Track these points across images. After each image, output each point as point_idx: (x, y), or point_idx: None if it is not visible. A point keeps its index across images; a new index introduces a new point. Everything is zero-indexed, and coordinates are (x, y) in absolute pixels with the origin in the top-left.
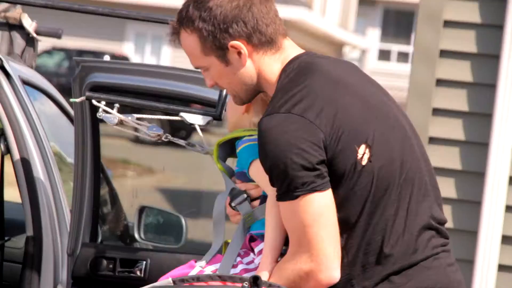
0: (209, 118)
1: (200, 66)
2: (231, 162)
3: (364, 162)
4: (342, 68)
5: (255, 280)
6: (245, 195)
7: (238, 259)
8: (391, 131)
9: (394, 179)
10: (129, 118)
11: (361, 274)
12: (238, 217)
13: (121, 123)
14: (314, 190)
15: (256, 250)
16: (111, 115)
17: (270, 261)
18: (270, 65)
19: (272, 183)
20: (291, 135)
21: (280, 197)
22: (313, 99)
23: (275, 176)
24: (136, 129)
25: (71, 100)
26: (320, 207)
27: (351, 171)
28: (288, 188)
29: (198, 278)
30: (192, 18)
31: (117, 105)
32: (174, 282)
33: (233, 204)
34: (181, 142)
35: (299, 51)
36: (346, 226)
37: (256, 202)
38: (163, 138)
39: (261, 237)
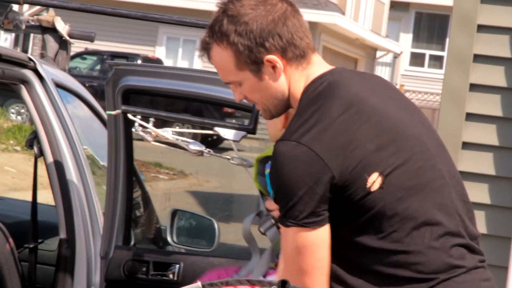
0: (243, 133)
1: (232, 81)
2: None
3: (374, 189)
4: (365, 87)
5: (284, 284)
6: (272, 221)
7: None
8: (410, 152)
9: (412, 202)
10: (166, 133)
11: None
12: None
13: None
14: (304, 225)
15: None
16: (147, 131)
17: None
18: (298, 82)
19: (276, 201)
20: (297, 167)
21: (280, 220)
22: (327, 130)
23: (278, 199)
24: (173, 144)
25: (107, 112)
26: (307, 243)
27: (362, 199)
28: (284, 215)
29: (227, 282)
30: (227, 32)
31: (152, 119)
32: (203, 286)
33: (261, 230)
34: (224, 157)
35: (326, 68)
36: (367, 250)
37: None
38: (205, 154)
39: None
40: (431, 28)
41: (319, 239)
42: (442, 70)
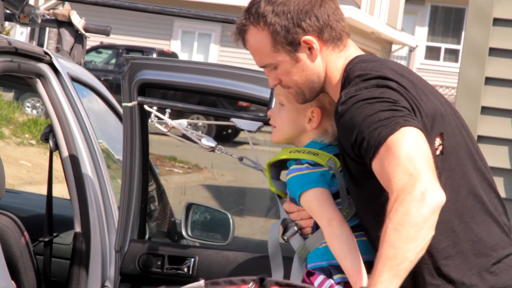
0: (260, 124)
1: (268, 63)
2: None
3: (437, 152)
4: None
5: (262, 281)
6: (295, 228)
7: None
8: (456, 128)
9: (466, 172)
10: (181, 125)
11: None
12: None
13: (173, 128)
14: (413, 124)
15: (316, 283)
16: (163, 122)
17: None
18: (336, 62)
19: (366, 138)
20: (383, 92)
21: (376, 146)
22: (400, 77)
23: (372, 126)
24: (187, 137)
25: (123, 104)
26: (418, 136)
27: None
28: (387, 124)
29: (230, 281)
30: (264, 13)
31: (168, 110)
32: (206, 284)
33: (285, 238)
34: (235, 156)
35: (360, 51)
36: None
37: (308, 229)
38: (216, 151)
39: (319, 269)
40: (447, 21)
41: (423, 137)
42: (457, 63)
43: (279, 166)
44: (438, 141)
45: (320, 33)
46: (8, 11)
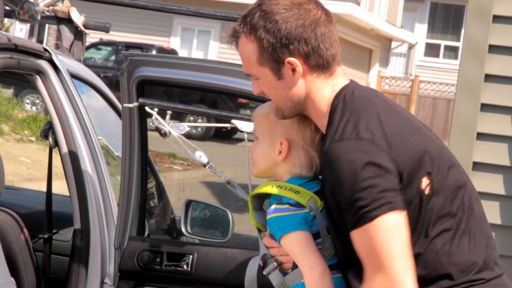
0: None
1: (252, 74)
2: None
3: (426, 192)
4: (386, 98)
5: None
6: (275, 263)
7: None
8: (442, 156)
9: (455, 204)
10: (181, 130)
11: None
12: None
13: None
14: (391, 209)
15: None
16: (163, 126)
17: None
18: (321, 89)
19: (343, 212)
20: (366, 160)
21: (354, 224)
22: (379, 125)
23: (351, 202)
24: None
25: (124, 105)
26: (395, 227)
27: (413, 199)
28: (365, 211)
29: None
30: (256, 26)
31: (169, 112)
32: None
33: (264, 273)
34: (223, 178)
35: (347, 80)
36: (413, 252)
37: (288, 265)
38: (207, 168)
39: None
40: (446, 18)
41: (404, 221)
42: (457, 60)
43: (262, 196)
44: (425, 181)
45: (307, 58)
46: (7, 8)
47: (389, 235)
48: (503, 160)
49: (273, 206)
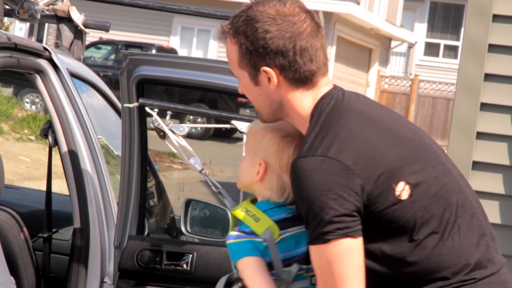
0: None
1: (234, 74)
2: None
3: (404, 198)
4: (367, 104)
5: None
6: (239, 284)
7: None
8: (427, 160)
9: (438, 205)
10: (180, 130)
11: None
12: None
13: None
14: (346, 235)
15: None
16: (165, 124)
17: None
18: (301, 100)
19: (306, 225)
20: (328, 180)
21: (312, 241)
22: (349, 141)
23: (310, 219)
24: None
25: (125, 105)
26: (349, 251)
27: (392, 208)
28: (322, 232)
29: None
30: (238, 30)
31: (169, 112)
32: None
33: None
34: (214, 187)
35: (330, 85)
36: (397, 261)
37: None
38: (201, 174)
39: None
40: (446, 18)
41: (358, 246)
42: (457, 60)
43: None
44: (401, 185)
45: (282, 70)
46: (7, 7)
47: (343, 258)
48: (503, 159)
49: (230, 232)
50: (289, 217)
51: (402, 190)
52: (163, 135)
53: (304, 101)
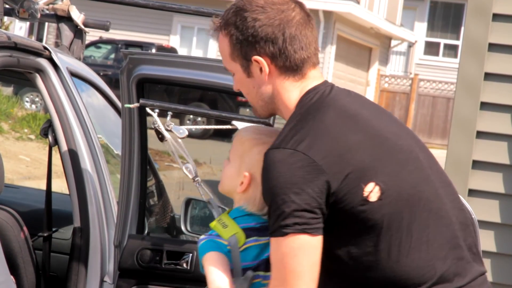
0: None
1: (227, 69)
2: None
3: (372, 199)
4: (356, 100)
5: None
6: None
7: None
8: (404, 164)
9: (409, 212)
10: (180, 132)
11: None
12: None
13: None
14: (304, 231)
15: None
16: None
17: None
18: (289, 91)
19: (269, 217)
20: (294, 174)
21: (271, 233)
22: (322, 136)
23: (272, 210)
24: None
25: (125, 105)
26: (304, 248)
27: (359, 208)
28: (280, 225)
29: None
30: (228, 22)
31: (170, 112)
32: None
33: None
34: (204, 196)
35: (320, 80)
36: (363, 264)
37: None
38: (193, 181)
39: None
40: (446, 17)
41: (315, 244)
42: (457, 59)
43: None
44: (370, 186)
45: (273, 59)
46: (7, 6)
47: (297, 254)
48: (503, 158)
49: (200, 237)
50: (257, 227)
51: (371, 191)
52: (161, 137)
53: (291, 92)
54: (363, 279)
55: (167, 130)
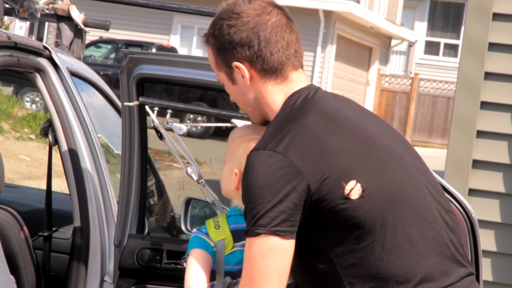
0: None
1: (218, 80)
2: None
3: (354, 197)
4: (340, 102)
5: None
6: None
7: None
8: (386, 162)
9: (392, 210)
10: (180, 130)
11: None
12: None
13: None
14: (275, 233)
15: None
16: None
17: None
18: (273, 94)
19: (245, 218)
20: (272, 175)
21: (245, 233)
22: (301, 137)
23: (248, 211)
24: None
25: (125, 103)
26: (274, 250)
27: (341, 207)
28: (254, 224)
29: None
30: (209, 33)
31: (169, 111)
32: None
33: None
34: (208, 198)
35: (304, 84)
36: (347, 261)
37: None
38: (198, 183)
39: None
40: (446, 16)
41: (286, 248)
42: (457, 58)
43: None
44: (351, 184)
45: (251, 62)
46: (7, 6)
47: (266, 255)
48: (503, 158)
49: (194, 230)
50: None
51: (352, 189)
52: (160, 135)
53: (275, 95)
54: (348, 277)
55: (166, 128)
